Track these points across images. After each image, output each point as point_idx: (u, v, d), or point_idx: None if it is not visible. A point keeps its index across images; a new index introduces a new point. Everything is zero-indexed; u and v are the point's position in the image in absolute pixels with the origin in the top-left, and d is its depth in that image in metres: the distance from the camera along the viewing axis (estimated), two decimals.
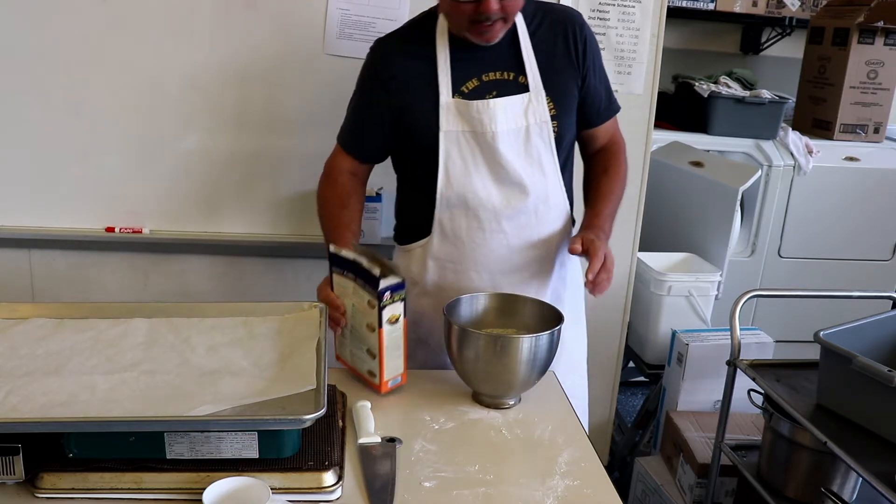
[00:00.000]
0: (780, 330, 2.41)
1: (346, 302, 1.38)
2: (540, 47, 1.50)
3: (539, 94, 1.48)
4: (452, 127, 1.47)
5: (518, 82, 1.49)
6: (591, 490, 1.12)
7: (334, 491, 1.06)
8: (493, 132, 1.47)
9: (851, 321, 1.53)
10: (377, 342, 1.32)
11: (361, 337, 1.36)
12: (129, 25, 1.88)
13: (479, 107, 1.46)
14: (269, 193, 2.05)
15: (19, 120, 1.93)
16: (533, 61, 1.49)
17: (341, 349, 1.44)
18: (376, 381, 1.35)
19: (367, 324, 1.33)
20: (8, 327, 1.29)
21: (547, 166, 1.52)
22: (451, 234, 1.53)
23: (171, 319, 1.33)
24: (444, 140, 1.48)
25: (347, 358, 1.43)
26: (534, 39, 1.50)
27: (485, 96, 1.47)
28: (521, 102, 1.48)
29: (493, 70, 1.49)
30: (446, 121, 1.47)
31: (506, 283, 1.54)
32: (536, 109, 1.49)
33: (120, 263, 2.06)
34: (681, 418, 2.04)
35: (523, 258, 1.55)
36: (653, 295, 2.31)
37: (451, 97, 1.47)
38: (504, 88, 1.48)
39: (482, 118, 1.46)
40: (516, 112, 1.48)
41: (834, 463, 1.55)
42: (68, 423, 1.03)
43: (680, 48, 3.43)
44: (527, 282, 1.56)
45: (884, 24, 2.89)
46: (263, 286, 2.12)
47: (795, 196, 2.90)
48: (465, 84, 1.48)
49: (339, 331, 1.41)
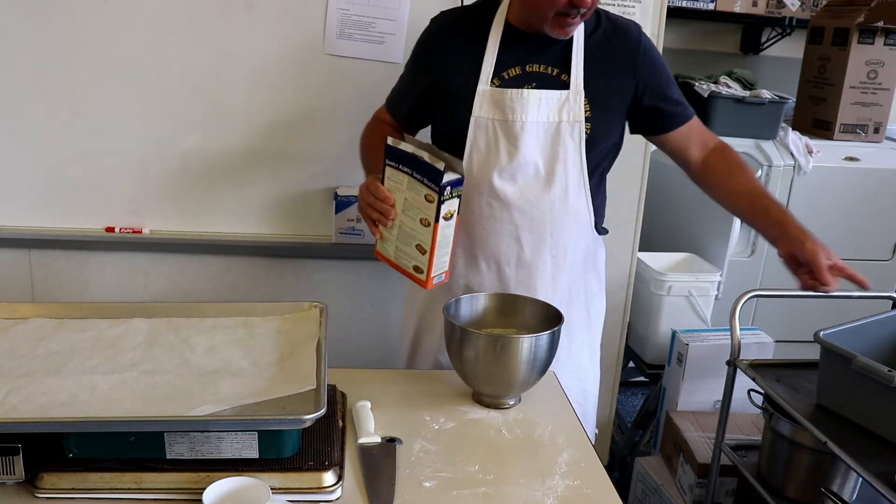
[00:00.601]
0: (780, 330, 2.41)
1: (396, 196, 1.38)
2: (592, 51, 1.50)
3: (578, 93, 1.49)
4: (484, 114, 1.49)
5: (560, 79, 1.49)
6: (591, 490, 1.12)
7: (334, 491, 1.06)
8: (523, 122, 1.47)
9: (851, 321, 1.53)
10: (430, 237, 1.33)
11: (411, 232, 1.36)
12: (130, 25, 1.88)
13: (514, 95, 1.47)
14: (269, 193, 2.05)
15: (19, 120, 1.93)
16: (581, 62, 1.49)
17: (384, 245, 1.43)
18: (422, 277, 1.36)
19: (421, 219, 1.34)
20: (8, 327, 1.29)
21: (572, 166, 1.51)
22: (465, 220, 1.53)
23: (171, 319, 1.33)
24: (473, 126, 1.49)
25: (390, 254, 1.42)
26: (587, 43, 1.50)
27: (523, 86, 1.48)
28: (558, 98, 1.48)
29: (538, 62, 1.50)
30: (479, 107, 1.49)
31: (513, 278, 1.55)
32: (573, 108, 1.49)
33: (120, 263, 2.07)
34: (681, 418, 2.04)
35: (533, 255, 1.55)
36: (653, 295, 2.31)
37: (489, 85, 1.48)
38: (544, 82, 1.49)
39: (514, 107, 1.47)
40: (551, 107, 1.48)
41: (834, 463, 1.55)
42: (68, 423, 1.03)
43: (680, 48, 3.43)
44: (535, 281, 1.56)
45: (884, 24, 2.89)
46: (263, 286, 2.12)
47: (795, 196, 2.90)
48: (507, 70, 1.49)
49: (389, 223, 1.39)
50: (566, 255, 1.57)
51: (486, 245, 1.55)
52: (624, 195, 2.21)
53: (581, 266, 1.61)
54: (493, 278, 1.57)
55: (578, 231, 1.58)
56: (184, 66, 1.92)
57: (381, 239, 1.43)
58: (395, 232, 1.40)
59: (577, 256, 1.59)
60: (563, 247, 1.56)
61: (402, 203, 1.37)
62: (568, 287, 1.60)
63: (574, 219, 1.55)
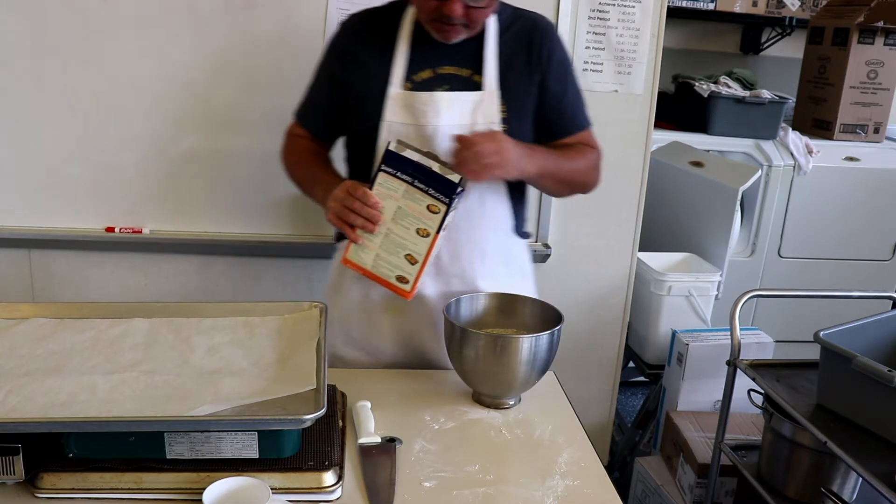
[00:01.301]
0: (780, 330, 2.41)
1: (387, 204, 1.34)
2: (504, 50, 1.45)
3: (492, 94, 1.43)
4: (397, 119, 1.42)
5: (472, 80, 1.44)
6: (591, 490, 1.12)
7: (334, 491, 1.06)
8: (436, 126, 1.41)
9: (851, 321, 1.53)
10: (426, 248, 1.32)
11: (402, 241, 1.34)
12: (129, 25, 1.89)
13: (425, 98, 1.41)
14: (270, 193, 2.05)
15: (19, 120, 1.93)
16: (493, 62, 1.44)
17: (358, 253, 1.37)
18: (406, 287, 1.35)
19: (418, 229, 1.32)
20: (8, 327, 1.29)
21: None
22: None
23: (171, 319, 1.33)
24: (385, 131, 1.42)
25: (367, 263, 1.37)
26: (500, 40, 1.45)
27: (435, 88, 1.43)
28: (472, 100, 1.43)
29: (450, 64, 1.44)
30: (391, 111, 1.42)
31: (432, 286, 1.47)
32: (487, 110, 1.43)
33: (120, 263, 2.07)
34: (681, 418, 2.04)
35: (451, 262, 1.48)
36: (653, 295, 2.31)
37: (401, 87, 1.42)
38: (457, 84, 1.44)
39: (426, 110, 1.41)
40: (464, 109, 1.43)
41: (834, 463, 1.55)
42: (68, 423, 1.03)
43: (680, 48, 3.43)
44: (454, 285, 1.49)
45: (884, 24, 2.89)
46: (263, 286, 2.13)
47: (795, 196, 2.90)
48: (418, 73, 1.44)
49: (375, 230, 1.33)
50: (485, 260, 1.51)
51: None
52: (624, 195, 2.21)
53: (504, 270, 1.55)
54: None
55: (496, 235, 1.52)
56: (184, 66, 1.92)
57: (356, 246, 1.37)
58: (378, 240, 1.35)
59: (496, 261, 1.52)
60: (482, 251, 1.50)
61: (395, 211, 1.34)
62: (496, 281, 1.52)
63: (492, 223, 1.50)
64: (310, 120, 1.56)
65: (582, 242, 2.24)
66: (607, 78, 2.11)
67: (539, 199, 2.15)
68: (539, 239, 2.21)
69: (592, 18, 2.06)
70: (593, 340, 2.35)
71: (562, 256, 2.23)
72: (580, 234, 2.23)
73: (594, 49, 2.09)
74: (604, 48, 2.08)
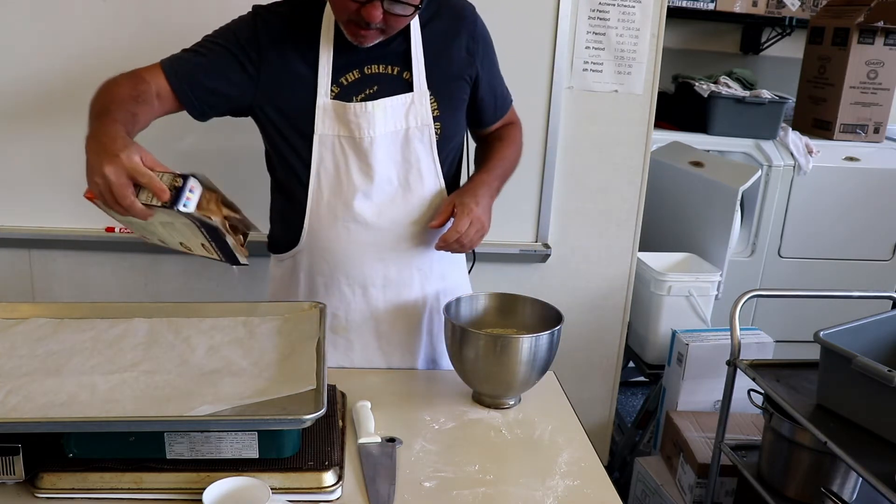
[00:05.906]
0: (780, 330, 2.41)
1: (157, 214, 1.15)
2: (430, 42, 1.39)
3: (423, 94, 1.39)
4: (329, 131, 1.37)
5: (402, 79, 1.38)
6: (591, 490, 1.12)
7: (334, 491, 1.06)
8: (372, 137, 1.36)
9: (851, 321, 1.53)
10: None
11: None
12: (129, 25, 1.88)
13: (357, 110, 1.35)
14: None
15: (19, 119, 1.93)
16: (421, 58, 1.38)
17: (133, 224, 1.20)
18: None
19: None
20: (8, 327, 1.29)
21: (427, 172, 1.42)
22: (322, 245, 1.44)
23: (171, 319, 1.33)
24: (318, 144, 1.37)
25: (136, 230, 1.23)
26: (425, 32, 1.39)
27: (364, 90, 1.37)
28: (403, 103, 1.38)
29: (377, 63, 1.37)
30: (322, 123, 1.36)
31: (380, 299, 1.47)
32: (419, 111, 1.39)
33: (120, 263, 2.07)
34: (681, 418, 2.04)
35: (400, 272, 1.47)
36: (653, 295, 2.31)
37: (329, 97, 1.36)
38: (386, 84, 1.38)
39: (360, 122, 1.36)
40: (397, 114, 1.38)
41: (834, 463, 1.55)
42: (68, 423, 1.03)
43: (680, 48, 3.43)
44: (404, 297, 1.48)
45: (884, 24, 2.89)
46: (263, 286, 2.12)
47: (795, 196, 2.90)
48: (345, 75, 1.37)
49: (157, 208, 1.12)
50: (432, 266, 1.49)
51: (348, 269, 1.44)
52: (624, 195, 2.21)
53: (450, 272, 1.55)
54: (360, 301, 1.47)
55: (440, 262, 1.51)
56: None
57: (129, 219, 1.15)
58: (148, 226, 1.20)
59: (443, 265, 1.52)
60: (429, 258, 1.48)
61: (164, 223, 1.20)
62: (436, 297, 1.52)
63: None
64: (187, 80, 1.34)
65: (582, 242, 2.24)
66: (607, 78, 2.11)
67: (539, 199, 2.15)
68: (539, 239, 2.21)
69: (592, 18, 2.06)
70: (593, 340, 2.35)
71: (562, 256, 2.23)
72: (580, 234, 2.23)
73: (594, 49, 2.09)
74: (604, 48, 2.09)
